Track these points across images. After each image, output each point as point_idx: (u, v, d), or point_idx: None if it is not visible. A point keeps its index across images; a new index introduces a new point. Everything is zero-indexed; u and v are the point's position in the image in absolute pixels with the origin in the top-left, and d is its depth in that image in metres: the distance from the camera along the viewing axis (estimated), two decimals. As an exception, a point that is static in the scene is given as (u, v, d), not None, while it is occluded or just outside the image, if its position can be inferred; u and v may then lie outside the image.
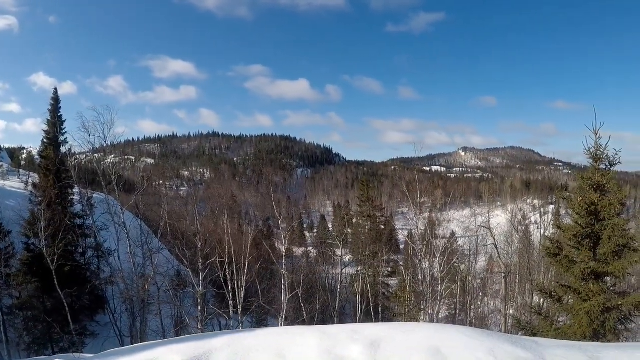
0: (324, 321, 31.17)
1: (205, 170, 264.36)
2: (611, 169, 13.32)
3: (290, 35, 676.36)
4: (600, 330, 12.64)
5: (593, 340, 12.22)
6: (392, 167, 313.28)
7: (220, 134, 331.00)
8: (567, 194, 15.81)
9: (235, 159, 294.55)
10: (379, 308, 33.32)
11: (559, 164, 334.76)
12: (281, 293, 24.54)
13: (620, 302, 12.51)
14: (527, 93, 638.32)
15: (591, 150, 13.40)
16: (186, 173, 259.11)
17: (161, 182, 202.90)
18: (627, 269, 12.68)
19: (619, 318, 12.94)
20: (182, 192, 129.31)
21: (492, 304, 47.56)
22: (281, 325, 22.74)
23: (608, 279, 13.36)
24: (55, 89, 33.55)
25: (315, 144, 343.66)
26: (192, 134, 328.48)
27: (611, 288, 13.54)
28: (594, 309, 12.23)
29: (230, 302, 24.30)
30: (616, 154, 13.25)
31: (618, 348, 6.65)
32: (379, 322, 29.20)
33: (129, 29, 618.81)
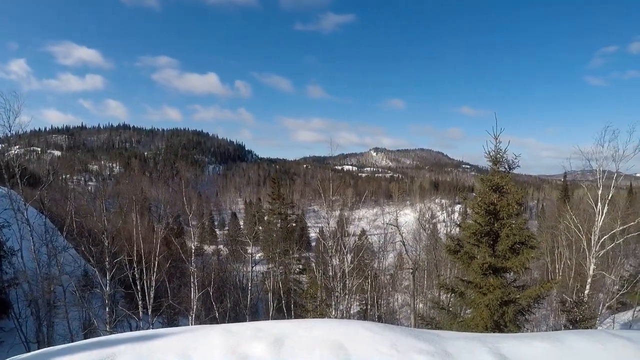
0: (236, 319, 30.99)
1: (114, 164, 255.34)
2: (510, 171, 13.97)
3: (198, 29, 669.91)
4: (500, 322, 13.24)
5: (494, 332, 12.77)
6: (305, 166, 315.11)
7: (131, 126, 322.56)
8: (473, 194, 16.44)
9: (146, 153, 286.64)
10: (291, 305, 33.45)
11: (467, 166, 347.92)
12: (191, 291, 24.20)
13: (518, 295, 13.18)
14: (435, 98, 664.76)
15: (491, 154, 13.98)
16: (95, 167, 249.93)
17: (68, 175, 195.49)
18: (525, 264, 13.33)
19: (518, 310, 13.62)
20: (90, 187, 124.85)
21: (401, 298, 48.74)
22: (192, 325, 22.39)
23: (508, 274, 14.01)
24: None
25: (228, 140, 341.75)
26: (102, 126, 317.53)
27: (512, 282, 14.22)
28: (493, 302, 12.83)
29: (140, 303, 23.71)
30: (515, 158, 13.93)
31: (517, 338, 6.95)
32: (291, 319, 29.40)
33: (29, 9, 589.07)
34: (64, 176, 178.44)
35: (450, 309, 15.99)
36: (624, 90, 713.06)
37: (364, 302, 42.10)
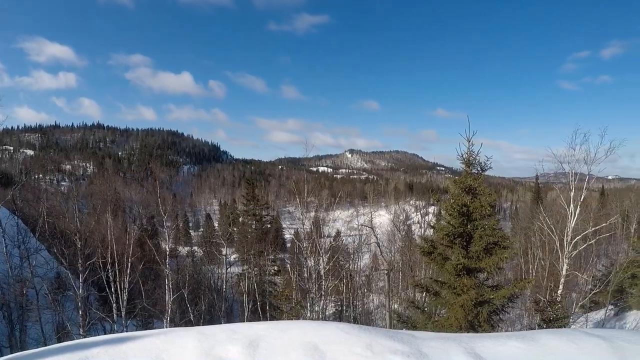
0: (211, 321, 30.78)
1: (88, 164, 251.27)
2: (483, 173, 14.10)
3: (172, 27, 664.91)
4: (475, 322, 13.35)
5: (469, 331, 12.86)
6: (280, 167, 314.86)
7: (105, 126, 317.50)
8: (447, 196, 16.55)
9: (120, 153, 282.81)
10: (266, 306, 33.34)
11: (441, 168, 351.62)
12: (165, 294, 23.95)
13: (492, 296, 13.30)
14: (409, 100, 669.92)
15: (464, 156, 14.12)
16: (68, 167, 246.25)
17: (41, 175, 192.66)
18: (499, 265, 13.46)
19: (492, 310, 13.75)
20: (63, 187, 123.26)
21: (377, 299, 48.91)
22: (166, 327, 22.15)
23: (482, 274, 14.13)
24: None
25: (203, 140, 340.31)
26: (75, 125, 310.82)
27: (486, 282, 14.35)
28: (467, 303, 12.93)
29: (114, 305, 23.41)
30: (487, 160, 14.07)
31: (491, 338, 7.01)
32: (266, 320, 29.26)
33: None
34: (36, 176, 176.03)
35: (426, 308, 16.08)
36: (596, 94, 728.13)
37: (339, 303, 42.15)
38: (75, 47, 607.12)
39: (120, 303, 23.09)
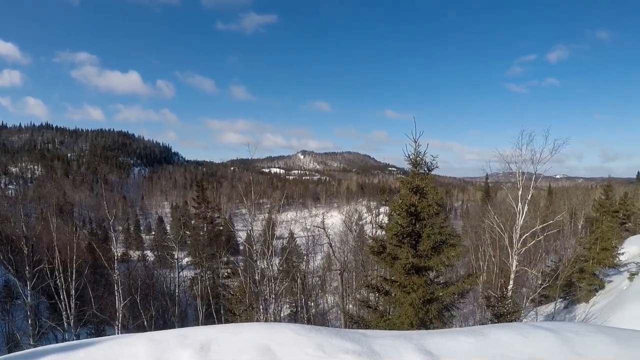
0: (164, 326, 30.39)
1: (36, 167, 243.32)
2: (430, 173, 14.33)
3: (117, 24, 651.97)
4: (425, 319, 13.57)
5: (420, 329, 13.06)
6: (232, 168, 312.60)
7: (54, 126, 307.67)
8: (395, 197, 16.74)
9: (69, 155, 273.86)
10: (220, 310, 33.10)
11: (393, 168, 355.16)
12: (116, 299, 23.51)
13: (441, 293, 13.55)
14: (358, 101, 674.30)
15: (411, 157, 14.28)
16: (15, 169, 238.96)
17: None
18: (447, 262, 13.74)
19: (443, 306, 14.02)
20: (10, 191, 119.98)
21: (331, 299, 49.13)
22: (118, 334, 21.75)
23: (431, 272, 14.37)
24: None
25: (154, 141, 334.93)
26: (23, 125, 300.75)
27: (436, 280, 14.61)
28: (416, 301, 13.15)
29: (64, 313, 22.89)
30: (434, 160, 14.27)
31: (442, 334, 7.15)
32: (221, 324, 28.98)
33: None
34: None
35: (379, 307, 16.24)
36: (543, 96, 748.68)
37: (294, 304, 42.16)
38: (19, 44, 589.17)
39: (69, 311, 22.59)
